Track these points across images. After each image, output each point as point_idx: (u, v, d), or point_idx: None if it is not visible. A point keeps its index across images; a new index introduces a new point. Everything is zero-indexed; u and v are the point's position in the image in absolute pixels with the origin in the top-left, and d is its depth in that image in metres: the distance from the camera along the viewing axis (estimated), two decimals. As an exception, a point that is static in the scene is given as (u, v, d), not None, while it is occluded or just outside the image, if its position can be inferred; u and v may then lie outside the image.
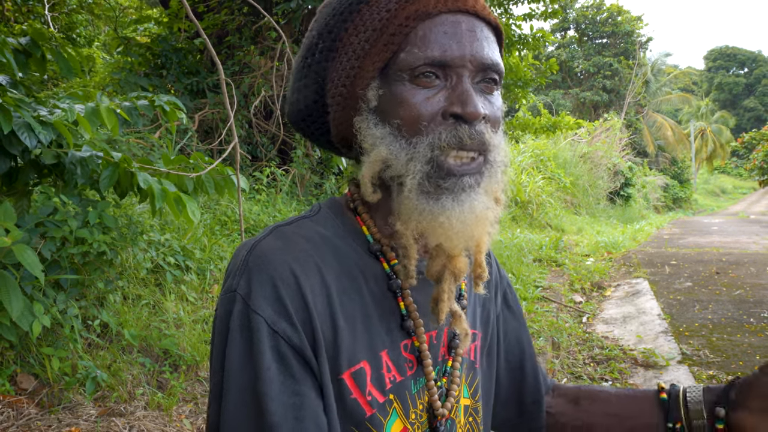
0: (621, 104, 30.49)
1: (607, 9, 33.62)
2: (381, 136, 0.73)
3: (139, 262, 3.26)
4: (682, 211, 27.27)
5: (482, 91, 0.74)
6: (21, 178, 2.44)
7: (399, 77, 0.72)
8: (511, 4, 8.00)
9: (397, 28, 0.72)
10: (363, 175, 0.75)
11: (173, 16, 6.94)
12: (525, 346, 1.02)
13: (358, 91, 0.75)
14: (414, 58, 0.71)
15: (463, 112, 0.70)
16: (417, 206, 0.71)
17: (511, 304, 1.02)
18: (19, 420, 2.30)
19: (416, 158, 0.71)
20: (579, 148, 17.46)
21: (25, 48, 2.25)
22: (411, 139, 0.71)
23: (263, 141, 6.53)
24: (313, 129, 0.84)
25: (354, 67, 0.75)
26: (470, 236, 0.72)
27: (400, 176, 0.72)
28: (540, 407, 1.00)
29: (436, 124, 0.71)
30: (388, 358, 0.77)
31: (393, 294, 0.78)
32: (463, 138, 0.70)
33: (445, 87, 0.72)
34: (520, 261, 6.81)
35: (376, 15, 0.74)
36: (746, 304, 5.26)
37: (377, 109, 0.74)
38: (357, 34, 0.75)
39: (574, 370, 3.87)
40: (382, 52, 0.73)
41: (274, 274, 0.70)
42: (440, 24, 0.71)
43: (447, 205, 0.70)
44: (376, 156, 0.73)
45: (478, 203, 0.72)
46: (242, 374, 0.67)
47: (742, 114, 63.40)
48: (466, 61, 0.71)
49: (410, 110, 0.71)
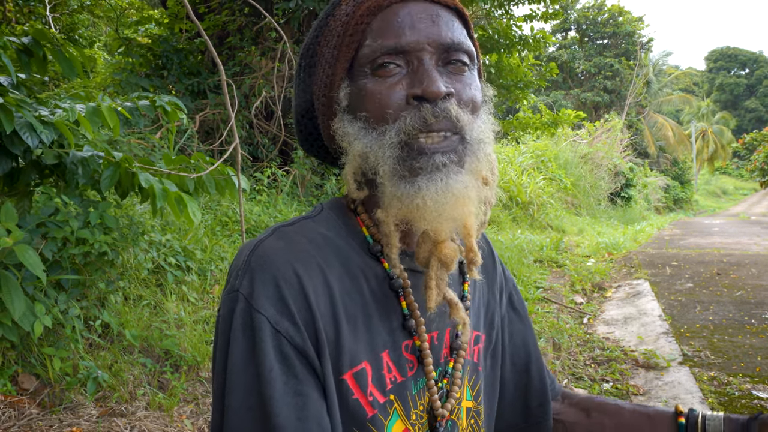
0: (622, 105, 30.48)
1: (608, 10, 33.63)
2: (354, 132, 0.74)
3: (140, 263, 3.26)
4: (683, 212, 27.27)
5: (450, 73, 0.74)
6: (22, 178, 2.44)
7: (362, 72, 0.74)
8: (512, 5, 8.00)
9: (354, 27, 0.74)
10: (345, 173, 0.76)
11: (174, 16, 6.95)
12: (531, 349, 1.01)
13: (332, 95, 0.77)
14: (371, 50, 0.72)
15: (423, 91, 0.70)
16: (394, 192, 0.71)
17: (516, 307, 1.02)
18: (20, 420, 2.30)
19: (386, 145, 0.71)
20: (580, 149, 17.45)
21: (27, 47, 2.25)
22: (379, 128, 0.72)
23: (264, 142, 6.54)
24: (316, 147, 0.87)
25: (328, 75, 0.78)
26: (450, 217, 0.71)
27: (375, 167, 0.73)
28: (546, 411, 0.98)
29: (401, 109, 0.72)
30: (389, 359, 0.76)
31: (395, 294, 0.78)
32: (427, 117, 0.70)
33: (408, 73, 0.73)
34: (521, 262, 6.81)
35: (339, 21, 0.77)
36: (747, 305, 5.26)
37: (348, 107, 0.76)
38: (327, 44, 0.78)
39: (574, 371, 3.87)
40: (346, 53, 0.75)
41: (276, 273, 0.70)
42: (393, 14, 0.73)
43: (422, 185, 0.70)
44: (353, 152, 0.74)
45: (454, 182, 0.71)
46: (245, 374, 0.67)
47: (744, 115, 63.39)
48: (423, 44, 0.72)
49: (374, 101, 0.72)
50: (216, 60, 2.95)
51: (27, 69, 2.28)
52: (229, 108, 3.04)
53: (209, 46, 2.94)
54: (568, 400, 1.02)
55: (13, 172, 2.40)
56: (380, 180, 0.72)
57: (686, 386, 3.44)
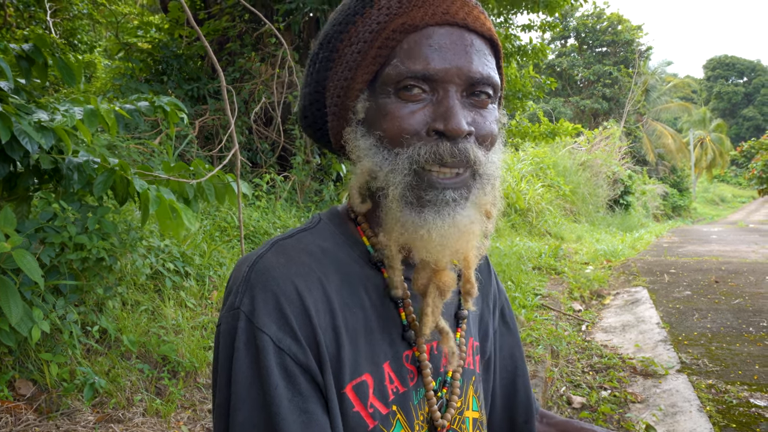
0: (621, 112, 30.55)
1: (608, 18, 33.76)
2: (366, 147, 0.73)
3: (138, 268, 3.26)
4: (681, 219, 27.28)
5: (473, 105, 0.73)
6: (21, 183, 2.44)
7: (385, 90, 0.72)
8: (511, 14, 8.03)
9: (384, 41, 0.72)
10: (351, 186, 0.76)
11: (174, 22, 6.97)
12: (518, 363, 1.01)
13: (349, 103, 0.76)
14: (398, 71, 0.70)
15: (446, 128, 0.69)
16: (400, 217, 0.71)
17: (507, 320, 1.02)
18: (17, 426, 2.29)
19: (397, 169, 0.70)
20: (579, 156, 17.48)
21: (28, 54, 2.26)
22: (392, 150, 0.71)
23: (263, 147, 6.54)
24: (319, 135, 0.86)
25: (347, 78, 0.76)
26: (453, 250, 0.72)
27: (384, 188, 0.72)
28: (531, 428, 0.98)
29: (419, 139, 0.70)
30: (391, 369, 0.76)
31: (394, 304, 0.78)
32: (444, 156, 0.69)
33: (432, 102, 0.71)
34: (520, 269, 6.81)
35: (368, 26, 0.74)
36: (745, 313, 5.26)
37: (364, 120, 0.75)
38: (351, 45, 0.76)
39: (573, 378, 3.87)
40: (371, 65, 0.73)
41: (277, 290, 0.70)
42: (426, 37, 0.71)
43: (429, 218, 0.70)
44: (362, 167, 0.74)
45: (461, 217, 0.71)
46: (249, 392, 0.67)
47: (742, 123, 63.54)
48: (452, 75, 0.70)
49: (393, 123, 0.71)
50: (216, 66, 2.96)
51: (27, 75, 2.29)
52: (228, 114, 3.05)
53: (209, 51, 2.95)
54: (547, 420, 1.02)
55: (12, 176, 2.40)
56: (388, 202, 0.72)
57: (684, 394, 3.44)
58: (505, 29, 8.19)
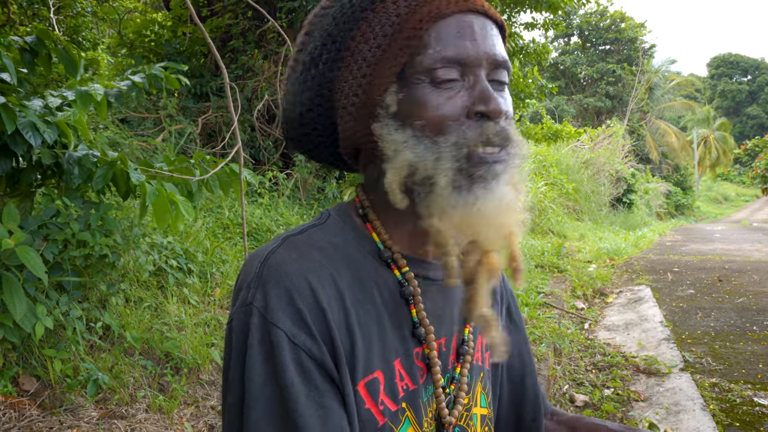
0: (624, 110, 30.50)
1: (611, 16, 33.68)
2: (403, 140, 0.72)
3: (141, 265, 3.26)
4: (684, 218, 27.23)
5: (495, 90, 0.74)
6: (24, 179, 2.44)
7: (418, 80, 0.72)
8: (515, 13, 8.02)
9: (411, 31, 0.72)
10: (389, 182, 0.73)
11: (177, 19, 6.98)
12: (526, 361, 1.00)
13: (376, 98, 0.74)
14: (431, 59, 0.71)
15: (487, 109, 0.70)
16: (450, 201, 0.70)
17: (514, 317, 1.01)
18: (20, 421, 2.30)
19: (444, 156, 0.70)
20: (581, 155, 17.45)
21: (31, 46, 2.26)
22: (435, 139, 0.71)
23: (266, 145, 6.55)
24: (316, 143, 0.84)
25: (366, 74, 0.75)
26: (503, 225, 0.72)
27: (430, 177, 0.71)
28: (539, 426, 0.97)
29: (461, 123, 0.71)
30: (401, 367, 0.76)
31: (405, 301, 0.78)
32: (490, 135, 0.71)
33: (464, 86, 0.72)
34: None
35: (386, 20, 0.74)
36: (749, 312, 5.24)
37: (397, 113, 0.73)
38: (366, 41, 0.75)
39: (575, 376, 3.86)
40: (398, 57, 0.73)
41: (290, 286, 0.69)
42: (454, 24, 0.72)
43: (479, 194, 0.70)
44: (401, 161, 0.72)
45: (507, 192, 0.72)
46: (264, 389, 0.67)
47: (745, 121, 63.39)
48: (482, 60, 0.72)
49: (434, 111, 0.71)
50: (219, 63, 2.95)
51: (31, 67, 2.29)
52: (231, 111, 3.05)
53: (212, 48, 2.94)
54: (557, 418, 1.01)
55: (15, 172, 2.40)
56: (437, 191, 0.71)
57: (687, 393, 3.43)
58: (508, 27, 8.17)
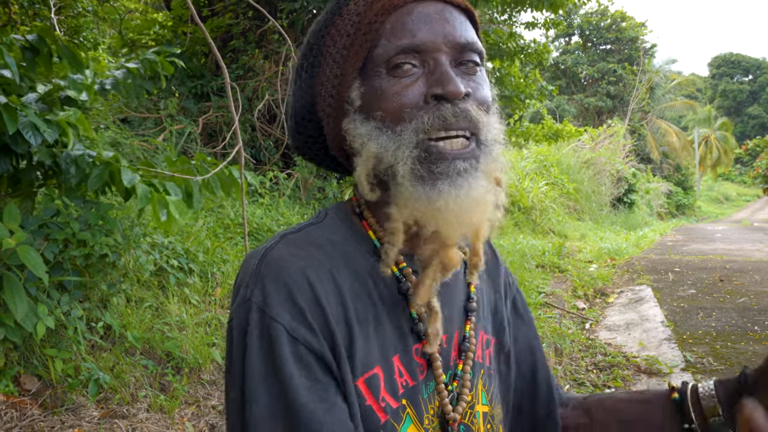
0: (625, 110, 30.48)
1: (611, 15, 33.65)
2: (367, 132, 0.73)
3: (141, 265, 3.26)
4: (685, 218, 27.20)
5: (464, 74, 0.74)
6: (25, 179, 2.44)
7: (376, 72, 0.73)
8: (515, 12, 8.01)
9: (368, 26, 0.73)
10: (358, 174, 0.75)
11: (178, 19, 6.98)
12: (537, 355, 0.98)
13: (343, 95, 0.76)
14: (386, 49, 0.72)
15: (444, 91, 0.70)
16: (413, 193, 0.70)
17: (520, 311, 1.00)
18: (22, 421, 2.30)
19: (403, 144, 0.70)
20: (582, 154, 17.45)
21: (33, 44, 2.26)
22: (395, 128, 0.71)
23: (267, 144, 6.55)
24: (315, 149, 0.86)
25: (336, 75, 0.76)
26: (468, 222, 0.71)
27: (392, 166, 0.72)
28: (555, 422, 0.95)
29: (419, 109, 0.71)
30: (400, 363, 0.76)
31: (404, 297, 0.78)
32: (447, 117, 0.70)
33: (424, 73, 0.72)
34: (523, 267, 6.80)
35: (348, 21, 0.76)
36: (750, 311, 5.24)
37: (361, 107, 0.75)
38: (334, 44, 0.77)
39: (576, 376, 3.86)
40: (359, 52, 0.74)
41: (288, 281, 0.69)
42: (408, 13, 0.72)
43: (443, 189, 0.69)
44: (367, 153, 0.73)
45: (476, 186, 0.71)
46: (264, 383, 0.67)
47: (747, 121, 63.31)
48: (439, 44, 0.72)
49: (391, 100, 0.71)
50: (220, 63, 2.96)
51: (32, 65, 2.29)
52: (232, 111, 3.05)
53: (213, 48, 2.94)
54: (572, 404, 1.00)
55: (16, 172, 2.40)
56: (398, 180, 0.71)
57: (689, 393, 3.43)
58: (509, 27, 8.17)
